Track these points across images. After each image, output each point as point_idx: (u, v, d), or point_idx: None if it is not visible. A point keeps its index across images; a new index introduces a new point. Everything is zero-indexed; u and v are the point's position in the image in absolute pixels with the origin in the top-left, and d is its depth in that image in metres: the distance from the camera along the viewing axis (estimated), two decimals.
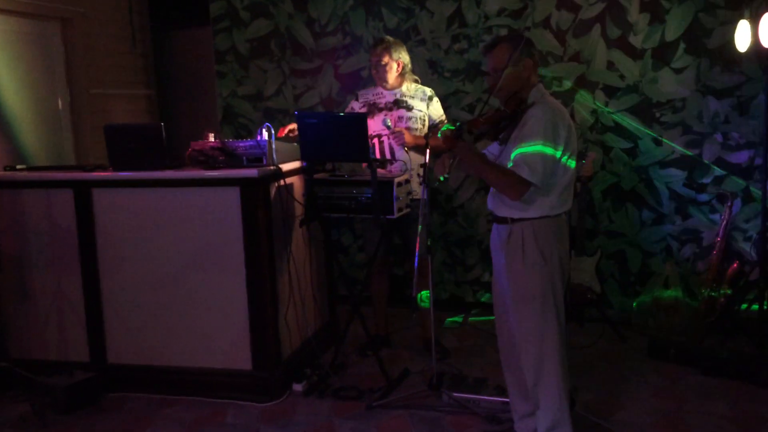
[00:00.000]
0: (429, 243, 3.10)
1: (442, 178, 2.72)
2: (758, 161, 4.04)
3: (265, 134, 3.54)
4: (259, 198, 3.42)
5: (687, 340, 3.91)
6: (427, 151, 3.39)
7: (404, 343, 4.28)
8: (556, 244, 2.65)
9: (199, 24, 5.53)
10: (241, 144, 3.52)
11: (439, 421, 3.27)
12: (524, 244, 2.63)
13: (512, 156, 2.55)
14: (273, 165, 3.52)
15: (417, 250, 3.22)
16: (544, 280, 2.63)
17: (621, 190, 4.39)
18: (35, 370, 3.62)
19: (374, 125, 3.89)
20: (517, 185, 2.53)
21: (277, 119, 5.13)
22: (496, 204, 2.73)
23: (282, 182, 3.57)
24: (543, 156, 2.50)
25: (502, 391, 3.48)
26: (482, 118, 2.62)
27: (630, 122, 4.31)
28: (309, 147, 3.45)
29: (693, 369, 3.70)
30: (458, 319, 4.69)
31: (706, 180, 4.21)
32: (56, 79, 5.09)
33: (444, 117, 4.04)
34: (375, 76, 3.99)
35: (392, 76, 3.93)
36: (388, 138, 3.89)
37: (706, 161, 4.20)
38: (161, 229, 3.55)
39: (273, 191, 3.53)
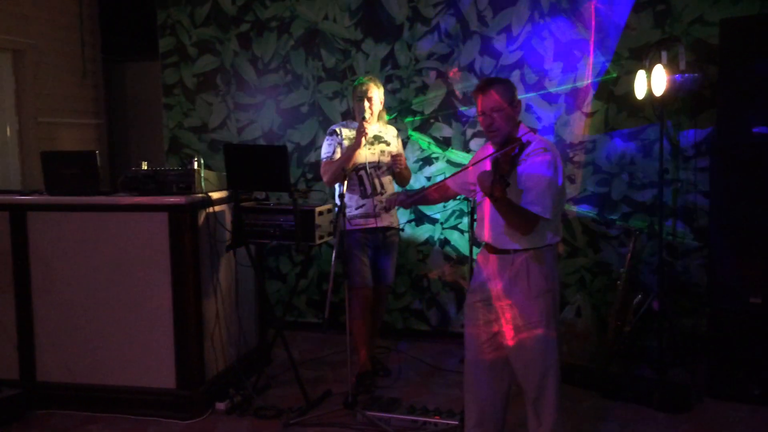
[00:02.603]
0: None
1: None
2: None
3: (195, 164, 3.75)
4: (186, 224, 3.62)
5: (593, 365, 4.15)
6: (345, 182, 3.66)
7: (332, 366, 4.46)
8: (555, 270, 2.80)
9: (149, 58, 5.77)
10: (171, 172, 3.72)
11: None
12: (529, 273, 2.72)
13: (523, 194, 2.62)
14: (201, 193, 3.73)
15: (331, 275, 3.46)
16: (548, 305, 2.75)
17: None
18: None
19: (358, 159, 3.96)
20: (532, 221, 2.61)
21: (220, 151, 5.35)
22: (497, 236, 2.77)
23: (210, 209, 3.77)
24: (551, 191, 2.63)
25: (414, 410, 3.68)
26: (504, 162, 2.47)
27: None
28: (235, 176, 3.67)
29: (595, 392, 3.94)
30: None
31: (615, 216, 4.52)
32: (5, 108, 5.27)
33: (402, 151, 4.26)
34: (358, 111, 4.03)
35: (377, 110, 4.03)
36: (375, 170, 4.01)
37: (614, 198, 4.51)
38: (93, 252, 3.72)
39: (201, 218, 3.73)
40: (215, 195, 3.82)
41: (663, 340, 4.03)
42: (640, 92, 4.03)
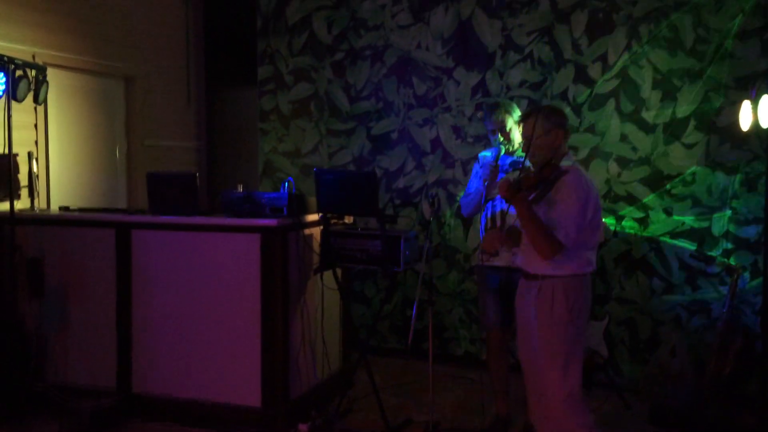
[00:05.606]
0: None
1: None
2: None
3: (287, 187, 3.87)
4: (277, 245, 3.73)
5: (689, 408, 3.93)
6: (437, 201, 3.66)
7: (413, 393, 4.44)
8: (583, 302, 2.84)
9: (247, 85, 6.01)
10: (265, 195, 3.85)
11: None
12: (554, 301, 2.79)
13: (550, 218, 2.77)
14: (293, 216, 3.83)
15: (416, 301, 3.46)
16: (569, 336, 2.79)
17: (632, 258, 4.51)
18: (67, 394, 3.95)
19: (491, 189, 3.63)
20: (553, 246, 2.73)
21: (311, 175, 5.48)
22: (527, 261, 2.91)
23: (300, 232, 3.87)
24: (576, 220, 2.75)
25: None
26: (532, 177, 2.78)
27: (642, 193, 4.47)
28: (324, 200, 3.76)
29: None
30: None
31: (716, 252, 4.29)
32: (116, 131, 5.61)
33: None
34: (493, 142, 3.79)
35: (517, 138, 3.73)
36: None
37: (715, 234, 4.29)
38: (189, 269, 3.89)
39: (291, 240, 3.83)
40: (305, 218, 3.92)
41: (766, 385, 3.77)
42: (745, 124, 3.84)
